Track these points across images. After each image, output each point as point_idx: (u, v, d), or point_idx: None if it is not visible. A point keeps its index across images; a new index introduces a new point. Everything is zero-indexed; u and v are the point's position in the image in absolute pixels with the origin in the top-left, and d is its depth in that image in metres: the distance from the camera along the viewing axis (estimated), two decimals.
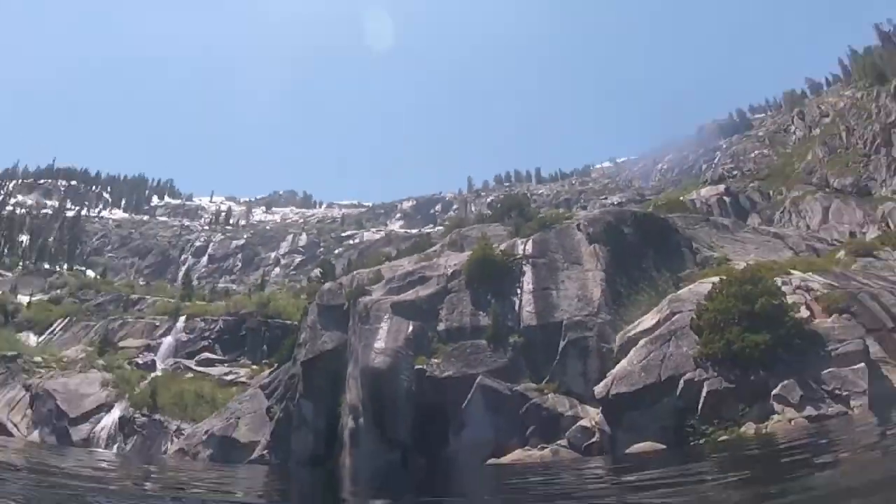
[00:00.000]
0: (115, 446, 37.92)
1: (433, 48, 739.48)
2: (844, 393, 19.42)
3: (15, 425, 40.57)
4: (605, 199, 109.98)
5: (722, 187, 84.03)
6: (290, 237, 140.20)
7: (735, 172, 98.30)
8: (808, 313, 22.73)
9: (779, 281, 24.14)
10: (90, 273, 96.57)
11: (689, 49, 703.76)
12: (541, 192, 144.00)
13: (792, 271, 26.49)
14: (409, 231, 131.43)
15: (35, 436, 39.44)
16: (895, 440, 15.17)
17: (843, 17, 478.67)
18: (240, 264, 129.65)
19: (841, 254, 32.19)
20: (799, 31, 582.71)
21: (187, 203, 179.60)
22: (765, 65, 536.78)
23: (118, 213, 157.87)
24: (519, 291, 29.66)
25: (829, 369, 20.23)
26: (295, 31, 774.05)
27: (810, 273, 26.28)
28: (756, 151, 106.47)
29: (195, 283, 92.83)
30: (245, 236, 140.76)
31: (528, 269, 30.72)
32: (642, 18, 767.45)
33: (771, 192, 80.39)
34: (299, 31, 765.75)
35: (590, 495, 15.59)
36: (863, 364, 20.07)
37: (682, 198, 66.89)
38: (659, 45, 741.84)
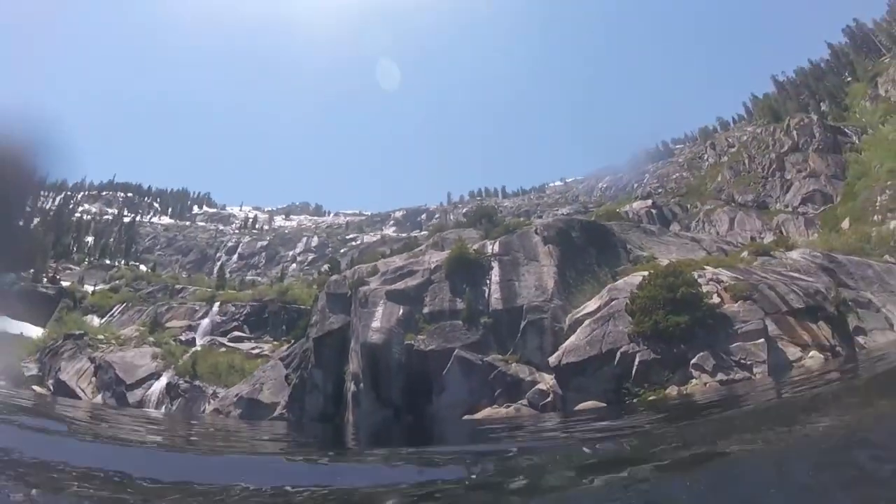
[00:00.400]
0: (164, 407, 37.81)
1: (426, 90, 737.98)
2: (748, 362, 19.60)
3: (82, 390, 40.44)
4: (557, 210, 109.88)
5: (650, 201, 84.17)
6: (304, 239, 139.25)
7: (660, 190, 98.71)
8: (718, 300, 22.87)
9: (695, 274, 24.25)
10: (143, 267, 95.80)
11: (624, 92, 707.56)
12: (506, 204, 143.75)
13: (706, 267, 26.59)
14: (400, 235, 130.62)
15: (98, 399, 39.29)
16: (788, 394, 15.46)
17: (748, 69, 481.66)
18: (264, 261, 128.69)
19: (744, 254, 32.28)
20: (712, 80, 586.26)
21: (221, 211, 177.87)
22: (685, 106, 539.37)
23: (165, 220, 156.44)
24: (488, 282, 29.67)
25: (736, 343, 20.43)
26: (319, 75, 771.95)
27: (720, 268, 26.40)
28: (677, 174, 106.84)
29: (227, 275, 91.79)
30: (268, 238, 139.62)
31: (495, 264, 30.72)
32: (586, 69, 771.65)
33: (688, 206, 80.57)
34: (323, 75, 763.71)
35: (546, 438, 15.79)
36: (762, 339, 20.29)
37: (618, 209, 67.04)
38: (601, 89, 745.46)
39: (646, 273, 24.82)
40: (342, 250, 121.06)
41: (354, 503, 8.00)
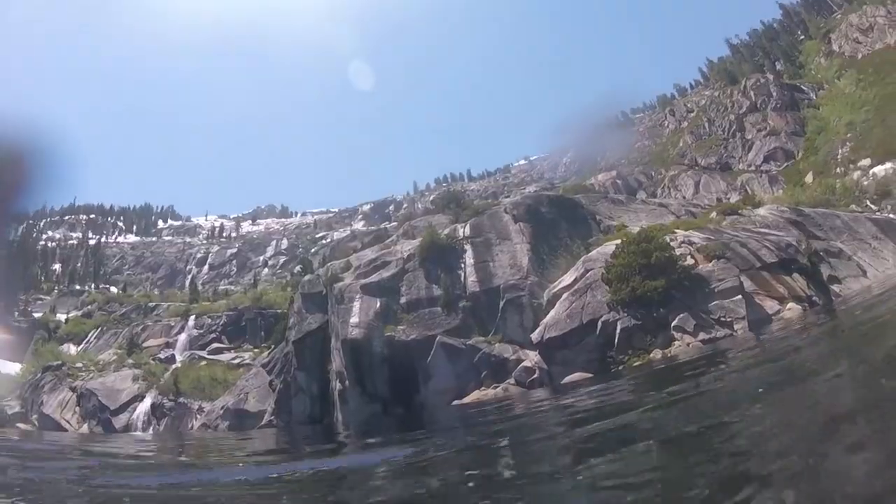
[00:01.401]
0: (151, 428, 37.38)
1: (383, 81, 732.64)
2: (728, 319, 19.88)
3: (67, 421, 39.73)
4: (524, 189, 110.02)
5: (614, 172, 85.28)
6: (273, 242, 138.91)
7: (623, 160, 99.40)
8: (692, 261, 23.07)
9: (667, 238, 24.40)
10: (113, 289, 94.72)
11: (580, 66, 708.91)
12: (472, 188, 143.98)
13: (676, 230, 26.81)
14: (369, 228, 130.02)
15: (84, 428, 38.65)
16: (770, 345, 15.69)
17: (701, 35, 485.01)
18: (235, 269, 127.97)
19: (713, 214, 32.62)
20: (666, 48, 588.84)
21: (187, 223, 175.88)
22: (642, 76, 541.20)
23: (131, 238, 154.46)
24: (463, 266, 29.55)
25: (714, 302, 20.67)
26: (277, 76, 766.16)
27: (691, 231, 26.70)
28: (639, 143, 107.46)
29: (200, 288, 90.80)
30: (237, 245, 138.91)
31: (468, 247, 30.62)
32: (540, 46, 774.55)
33: (653, 173, 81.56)
34: (281, 76, 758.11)
35: (534, 412, 15.95)
36: (740, 296, 20.57)
37: (584, 183, 67.56)
38: (557, 65, 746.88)
39: (618, 241, 24.94)
40: (313, 250, 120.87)
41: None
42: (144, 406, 39.10)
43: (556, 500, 6.32)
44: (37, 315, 69.90)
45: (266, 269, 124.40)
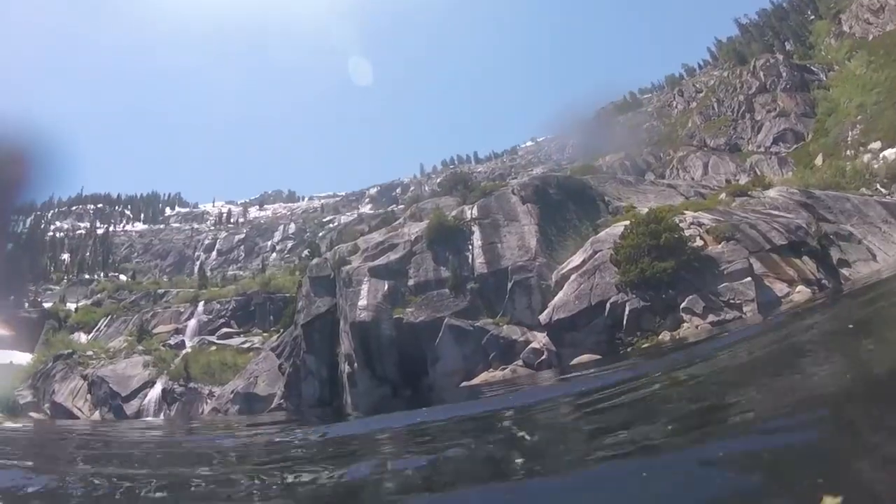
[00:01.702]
0: (162, 413, 37.59)
1: (391, 65, 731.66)
2: (738, 301, 19.84)
3: (79, 409, 39.94)
4: (531, 170, 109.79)
5: (622, 153, 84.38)
6: (281, 227, 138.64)
7: (632, 141, 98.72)
8: (702, 243, 23.04)
9: (676, 219, 24.32)
10: (122, 277, 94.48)
11: (588, 47, 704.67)
12: (479, 170, 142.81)
13: (685, 212, 26.69)
14: (377, 211, 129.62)
15: (96, 415, 38.85)
16: (777, 327, 15.62)
17: (710, 14, 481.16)
18: (243, 254, 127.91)
19: (722, 195, 32.44)
20: (675, 27, 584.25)
21: (194, 210, 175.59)
22: (650, 56, 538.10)
23: (139, 226, 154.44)
24: (471, 247, 29.60)
25: (724, 284, 20.62)
26: (282, 64, 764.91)
27: (700, 212, 26.56)
28: (647, 123, 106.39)
29: (208, 273, 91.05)
30: (245, 231, 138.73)
31: (476, 228, 30.66)
32: (547, 25, 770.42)
33: (661, 154, 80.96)
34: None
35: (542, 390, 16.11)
36: (749, 278, 20.50)
37: (592, 164, 67.22)
38: (563, 45, 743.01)
39: (627, 223, 24.87)
40: (320, 233, 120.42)
41: None
42: (155, 392, 39.29)
43: None
44: (47, 305, 69.83)
45: (274, 254, 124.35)
